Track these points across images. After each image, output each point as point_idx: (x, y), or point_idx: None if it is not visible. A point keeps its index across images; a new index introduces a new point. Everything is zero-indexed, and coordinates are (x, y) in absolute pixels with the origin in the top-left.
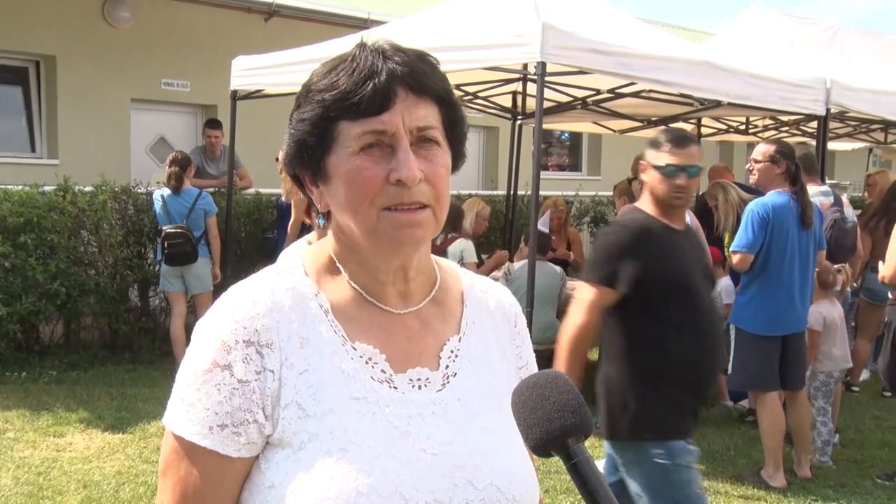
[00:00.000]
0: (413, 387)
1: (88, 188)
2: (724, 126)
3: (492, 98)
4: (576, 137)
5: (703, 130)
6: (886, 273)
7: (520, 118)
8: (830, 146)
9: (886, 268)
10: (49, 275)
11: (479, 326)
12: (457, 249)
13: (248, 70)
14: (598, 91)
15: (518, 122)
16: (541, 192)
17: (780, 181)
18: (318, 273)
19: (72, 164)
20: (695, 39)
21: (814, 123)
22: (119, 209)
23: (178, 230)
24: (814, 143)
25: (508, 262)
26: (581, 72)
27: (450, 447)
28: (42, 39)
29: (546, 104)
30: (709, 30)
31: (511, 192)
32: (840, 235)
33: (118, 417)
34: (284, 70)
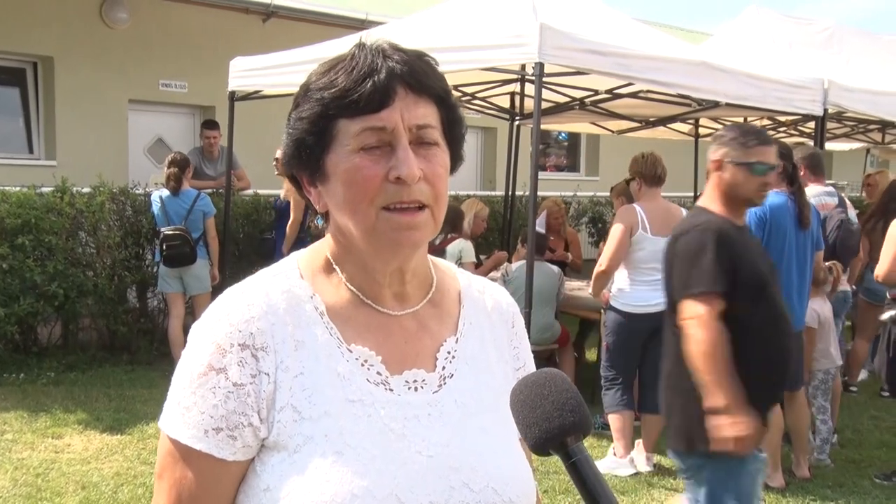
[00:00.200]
0: (409, 389)
1: (86, 189)
2: (722, 126)
3: (490, 99)
4: (574, 138)
5: (701, 131)
6: (880, 271)
7: (518, 119)
8: (828, 146)
9: (880, 266)
10: (47, 276)
11: (477, 327)
12: (455, 249)
13: (246, 71)
14: (596, 91)
15: (516, 123)
16: (539, 193)
17: (778, 181)
18: (314, 275)
19: (70, 166)
20: (692, 40)
21: (811, 124)
22: (117, 210)
23: (177, 232)
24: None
25: (506, 263)
26: (579, 72)
27: (446, 449)
28: (40, 40)
29: (544, 105)
30: (706, 30)
31: (509, 193)
32: (846, 236)
33: (116, 419)
34: (282, 71)
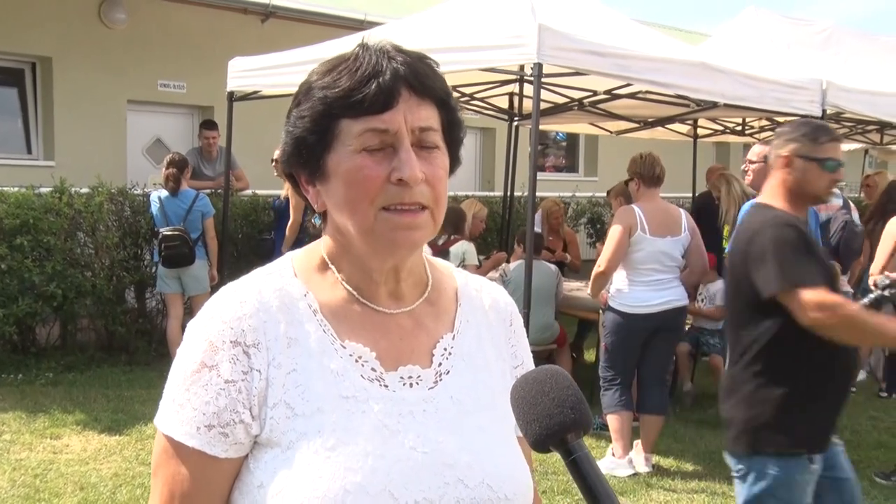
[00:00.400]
0: (404, 385)
1: (85, 190)
2: (721, 127)
3: (488, 99)
4: (572, 139)
5: (700, 131)
6: (875, 269)
7: (516, 119)
8: None
9: (876, 264)
10: (45, 276)
11: (474, 325)
12: (459, 251)
13: (245, 71)
14: (595, 92)
15: (515, 124)
16: (537, 194)
17: None
18: (308, 274)
19: (68, 166)
20: (691, 41)
21: None
22: (115, 211)
23: (175, 232)
24: None
25: (504, 263)
26: (577, 73)
27: (440, 445)
28: (38, 41)
29: (543, 105)
30: (705, 31)
31: (508, 194)
32: (850, 238)
33: (115, 419)
34: (281, 71)
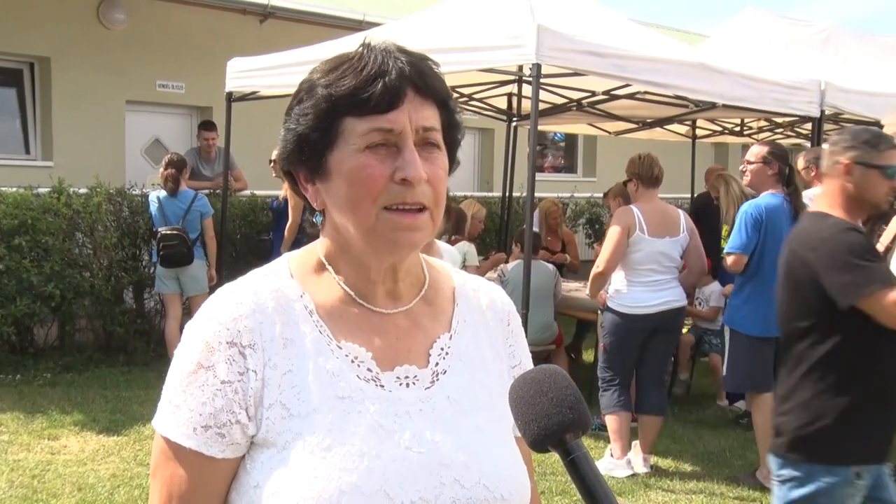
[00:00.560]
0: (401, 385)
1: (83, 190)
2: (719, 128)
3: (487, 100)
4: (571, 139)
5: (698, 132)
6: None
7: (515, 120)
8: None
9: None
10: (43, 277)
11: (471, 325)
12: (460, 251)
13: (243, 72)
14: (594, 93)
15: (513, 124)
16: (536, 194)
17: (773, 182)
18: (305, 275)
19: (66, 166)
20: (689, 41)
21: (808, 125)
22: (114, 211)
23: (174, 231)
24: (808, 145)
25: (503, 264)
26: (576, 73)
27: (437, 445)
28: (37, 41)
29: (541, 106)
30: (703, 31)
31: (506, 194)
32: None
33: (113, 420)
34: (279, 72)
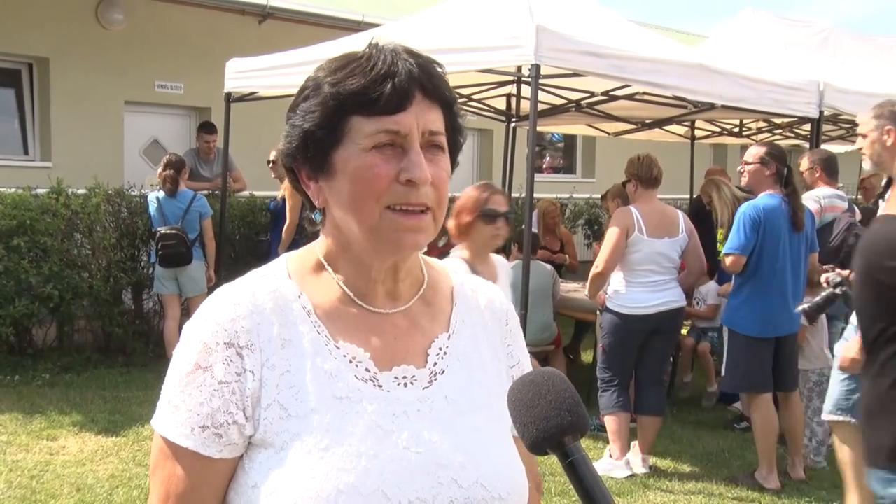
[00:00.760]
0: (398, 385)
1: (82, 191)
2: (718, 128)
3: (486, 100)
4: (570, 140)
5: (697, 133)
6: None
7: (514, 120)
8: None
9: None
10: (42, 278)
11: (469, 325)
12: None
13: (242, 72)
14: (593, 93)
15: (512, 125)
16: (535, 195)
17: (770, 183)
18: (303, 275)
19: (65, 167)
20: (688, 42)
21: (807, 126)
22: (112, 212)
23: (173, 231)
24: (807, 146)
25: None
26: (575, 74)
27: (434, 445)
28: (35, 41)
29: (540, 106)
30: (702, 32)
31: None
32: (854, 240)
33: (112, 420)
34: (278, 72)
